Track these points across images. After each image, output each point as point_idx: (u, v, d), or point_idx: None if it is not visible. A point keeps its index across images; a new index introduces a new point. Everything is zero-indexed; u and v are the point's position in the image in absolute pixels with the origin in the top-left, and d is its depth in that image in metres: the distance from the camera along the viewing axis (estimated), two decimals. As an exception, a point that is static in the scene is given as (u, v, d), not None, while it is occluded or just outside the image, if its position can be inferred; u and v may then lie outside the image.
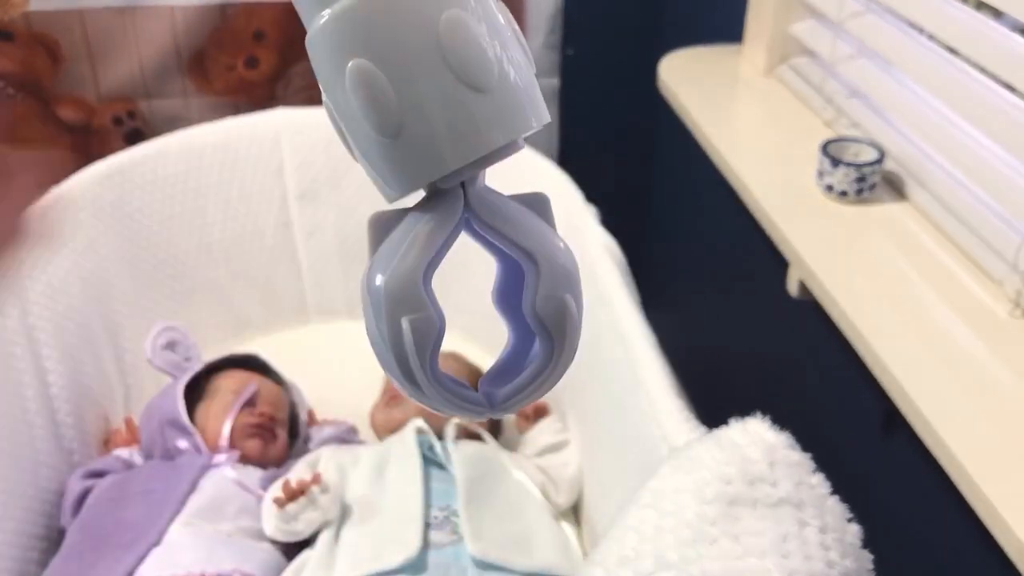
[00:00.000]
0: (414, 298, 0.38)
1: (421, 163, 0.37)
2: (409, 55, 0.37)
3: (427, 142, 0.37)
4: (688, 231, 1.74)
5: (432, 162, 0.37)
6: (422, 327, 0.38)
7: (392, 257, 0.39)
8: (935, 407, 0.83)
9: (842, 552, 0.80)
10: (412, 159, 0.37)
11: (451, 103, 0.37)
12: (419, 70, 0.37)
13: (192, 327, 1.34)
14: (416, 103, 0.37)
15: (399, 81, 0.37)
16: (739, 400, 0.94)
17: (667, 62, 1.44)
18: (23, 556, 1.05)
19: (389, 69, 0.37)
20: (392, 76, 0.37)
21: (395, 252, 0.39)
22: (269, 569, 1.03)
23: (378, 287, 0.38)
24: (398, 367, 0.39)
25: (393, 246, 0.39)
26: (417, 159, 0.37)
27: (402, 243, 0.39)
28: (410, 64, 0.37)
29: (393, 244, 0.39)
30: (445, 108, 0.37)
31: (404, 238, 0.39)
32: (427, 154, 0.37)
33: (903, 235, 1.04)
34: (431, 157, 0.37)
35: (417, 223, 0.39)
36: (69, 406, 1.17)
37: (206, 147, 1.39)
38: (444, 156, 0.37)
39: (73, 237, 1.25)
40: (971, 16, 0.99)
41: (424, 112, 0.37)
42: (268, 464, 1.16)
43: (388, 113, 0.37)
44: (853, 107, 1.21)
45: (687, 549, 0.81)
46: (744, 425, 0.84)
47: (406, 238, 0.39)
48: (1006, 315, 0.92)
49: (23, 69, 1.55)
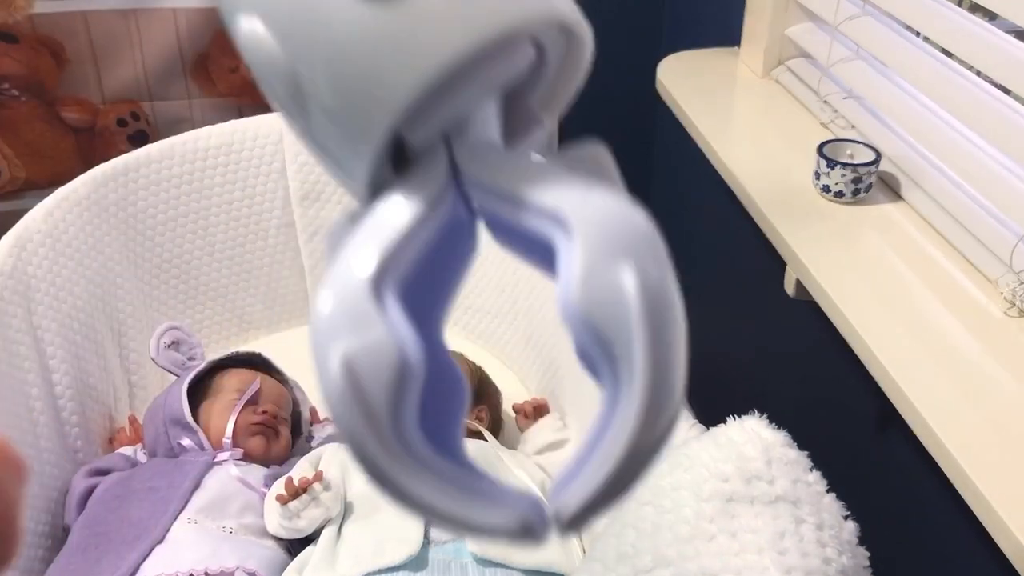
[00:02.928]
0: (355, 313, 0.23)
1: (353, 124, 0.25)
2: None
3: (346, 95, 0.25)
4: (686, 232, 1.75)
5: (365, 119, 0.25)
6: (364, 359, 0.22)
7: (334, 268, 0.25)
8: (931, 406, 0.83)
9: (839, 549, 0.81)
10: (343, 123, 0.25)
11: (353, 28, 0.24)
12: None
13: (196, 326, 1.35)
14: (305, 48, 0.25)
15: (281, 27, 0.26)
16: (736, 399, 0.94)
17: (665, 64, 1.45)
18: (27, 553, 1.06)
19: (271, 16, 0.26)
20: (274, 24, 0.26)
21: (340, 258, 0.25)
22: (272, 566, 1.03)
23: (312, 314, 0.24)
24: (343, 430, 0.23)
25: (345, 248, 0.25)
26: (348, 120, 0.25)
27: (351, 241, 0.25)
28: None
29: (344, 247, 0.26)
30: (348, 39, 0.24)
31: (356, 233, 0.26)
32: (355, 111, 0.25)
33: (899, 235, 1.05)
34: (361, 114, 0.25)
35: (381, 203, 0.26)
36: (74, 404, 1.18)
37: (209, 149, 1.40)
38: (374, 104, 0.25)
39: (77, 238, 1.26)
40: (966, 19, 1.00)
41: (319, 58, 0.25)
42: (271, 462, 1.17)
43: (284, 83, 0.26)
44: (849, 109, 1.21)
45: (685, 546, 0.81)
46: (741, 423, 0.85)
47: (359, 230, 0.26)
48: (1001, 314, 0.93)
49: (27, 71, 1.55)
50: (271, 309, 1.51)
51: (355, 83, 0.25)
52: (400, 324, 0.23)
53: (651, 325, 0.21)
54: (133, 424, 1.26)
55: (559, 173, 0.24)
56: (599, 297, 0.22)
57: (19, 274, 1.16)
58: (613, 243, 0.22)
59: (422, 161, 0.26)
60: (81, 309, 1.24)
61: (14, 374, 1.11)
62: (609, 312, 0.22)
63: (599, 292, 0.22)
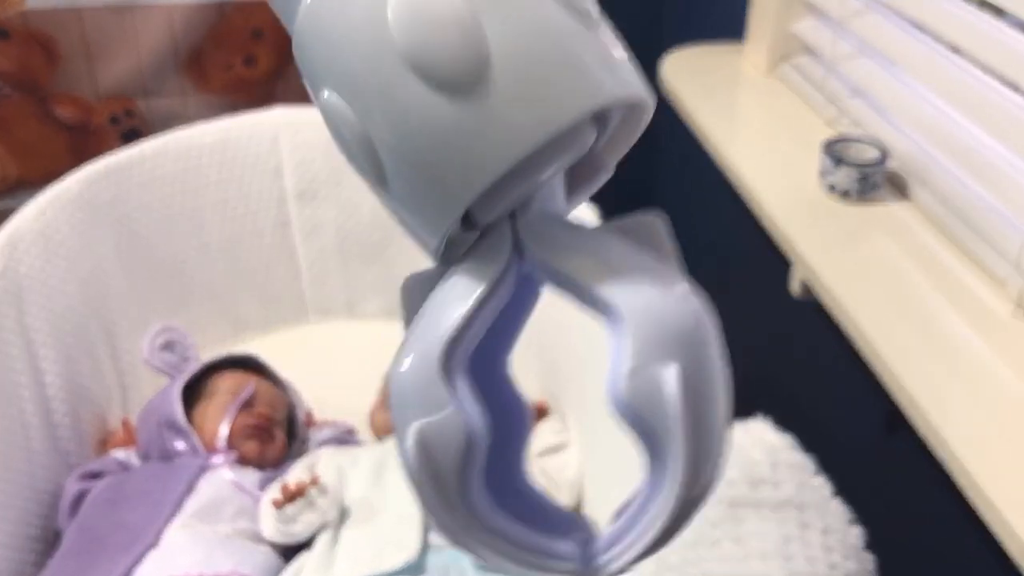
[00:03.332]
0: (427, 393, 0.26)
1: (428, 202, 0.27)
2: (361, 66, 0.26)
3: (422, 176, 0.27)
4: (690, 231, 1.73)
5: (439, 200, 0.27)
6: (434, 437, 0.25)
7: (411, 335, 0.28)
8: (938, 408, 0.82)
9: (845, 554, 0.80)
10: (418, 200, 0.28)
11: (429, 118, 0.26)
12: (377, 83, 0.26)
13: (190, 327, 1.34)
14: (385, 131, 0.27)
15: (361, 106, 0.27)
16: (741, 401, 0.93)
17: (669, 61, 1.44)
18: (19, 558, 1.05)
19: (348, 91, 0.27)
20: (353, 100, 0.27)
21: (416, 327, 0.28)
22: (267, 571, 1.02)
23: (390, 379, 0.28)
24: (417, 492, 0.27)
25: (418, 319, 0.28)
26: (423, 198, 0.27)
27: (425, 313, 0.28)
28: (365, 77, 0.26)
29: (420, 317, 0.28)
30: (424, 130, 0.26)
31: (430, 306, 0.28)
32: (430, 192, 0.27)
33: (906, 235, 1.04)
34: (435, 195, 0.27)
35: (448, 282, 0.28)
36: (66, 407, 1.17)
37: (204, 146, 1.38)
38: (448, 190, 0.26)
39: (70, 237, 1.24)
40: (973, 14, 0.99)
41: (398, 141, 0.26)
42: (266, 465, 1.15)
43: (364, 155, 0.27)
44: (855, 106, 1.20)
45: (688, 551, 0.80)
46: (746, 426, 0.84)
47: (431, 305, 0.28)
48: (1009, 315, 0.92)
49: (20, 68, 1.54)
50: (267, 310, 1.50)
51: (431, 170, 0.26)
52: (467, 401, 0.26)
53: (690, 421, 0.24)
54: (126, 427, 1.24)
55: (616, 256, 0.27)
56: (644, 392, 0.25)
57: (10, 274, 1.15)
58: (660, 341, 0.25)
59: (488, 234, 0.28)
60: (73, 309, 1.23)
61: (5, 375, 1.10)
62: (652, 407, 0.25)
63: (644, 388, 0.25)
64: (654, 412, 0.25)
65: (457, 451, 0.26)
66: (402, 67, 0.26)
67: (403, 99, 0.26)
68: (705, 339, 0.26)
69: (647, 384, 0.25)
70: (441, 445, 0.25)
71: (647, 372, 0.25)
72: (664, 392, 0.24)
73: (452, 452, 0.26)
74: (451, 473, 0.26)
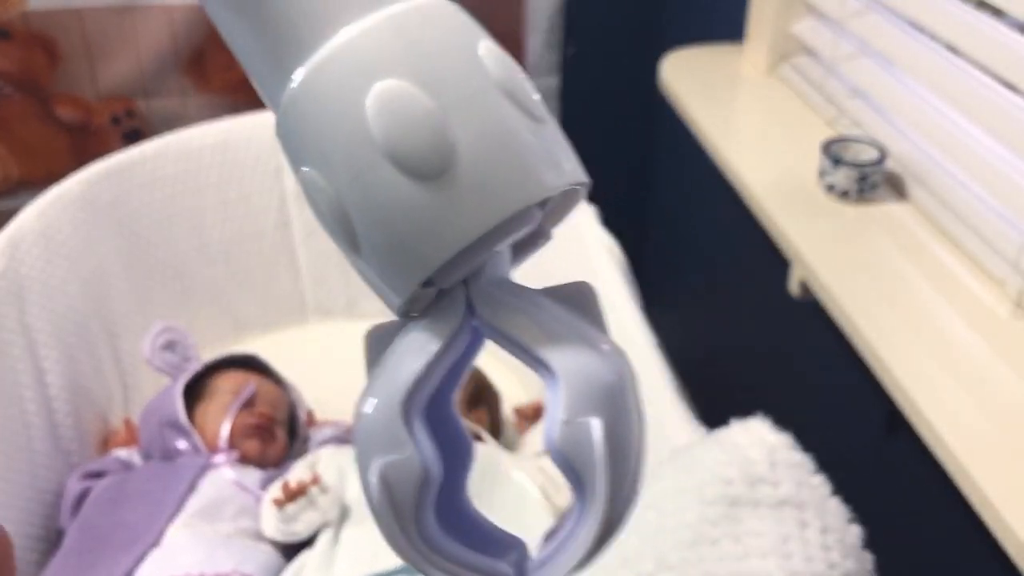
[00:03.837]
0: (389, 434, 0.30)
1: (395, 269, 0.31)
2: (341, 152, 0.30)
3: (391, 247, 0.31)
4: (689, 231, 1.74)
5: (405, 268, 0.31)
6: (395, 473, 0.30)
7: (375, 381, 0.32)
8: (937, 407, 0.83)
9: (843, 553, 0.80)
10: (386, 266, 0.31)
11: (400, 199, 0.30)
12: (355, 168, 0.30)
13: (191, 327, 1.34)
14: (360, 207, 0.31)
15: (338, 184, 0.31)
16: (740, 401, 0.93)
17: (668, 61, 1.44)
18: (21, 557, 1.05)
19: (327, 171, 0.31)
20: (331, 178, 0.31)
21: (379, 374, 0.32)
22: (268, 570, 1.02)
23: (356, 418, 0.32)
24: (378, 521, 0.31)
25: (381, 367, 0.33)
26: (390, 265, 0.31)
27: (387, 362, 0.32)
28: (344, 162, 0.30)
29: (382, 364, 0.33)
30: (395, 209, 0.30)
31: (391, 356, 0.32)
32: (397, 260, 0.31)
33: (904, 235, 1.04)
34: (401, 263, 0.31)
35: (408, 336, 0.32)
36: (68, 407, 1.17)
37: (204, 147, 1.39)
38: (413, 259, 0.30)
39: (71, 237, 1.24)
40: (972, 15, 0.99)
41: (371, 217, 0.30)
42: (267, 465, 1.16)
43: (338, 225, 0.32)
44: (854, 106, 1.20)
45: (687, 551, 0.80)
46: (745, 426, 0.84)
47: (392, 355, 0.32)
48: (1007, 315, 0.92)
49: (21, 68, 1.54)
50: (267, 310, 1.50)
51: (400, 242, 0.31)
52: (423, 442, 0.31)
53: (610, 466, 0.30)
54: (128, 426, 1.25)
55: (553, 319, 0.32)
56: (573, 440, 0.30)
57: (12, 274, 1.15)
58: (587, 397, 0.30)
59: (445, 295, 0.32)
60: (75, 309, 1.23)
61: (7, 375, 1.10)
62: (580, 453, 0.30)
63: (573, 437, 0.30)
64: (582, 456, 0.30)
65: (415, 487, 0.30)
66: (378, 155, 0.30)
67: (378, 182, 0.30)
68: (625, 392, 0.31)
69: (577, 433, 0.30)
70: (401, 481, 0.30)
71: (576, 423, 0.30)
72: (591, 442, 0.30)
73: (410, 488, 0.30)
74: (409, 506, 0.30)
